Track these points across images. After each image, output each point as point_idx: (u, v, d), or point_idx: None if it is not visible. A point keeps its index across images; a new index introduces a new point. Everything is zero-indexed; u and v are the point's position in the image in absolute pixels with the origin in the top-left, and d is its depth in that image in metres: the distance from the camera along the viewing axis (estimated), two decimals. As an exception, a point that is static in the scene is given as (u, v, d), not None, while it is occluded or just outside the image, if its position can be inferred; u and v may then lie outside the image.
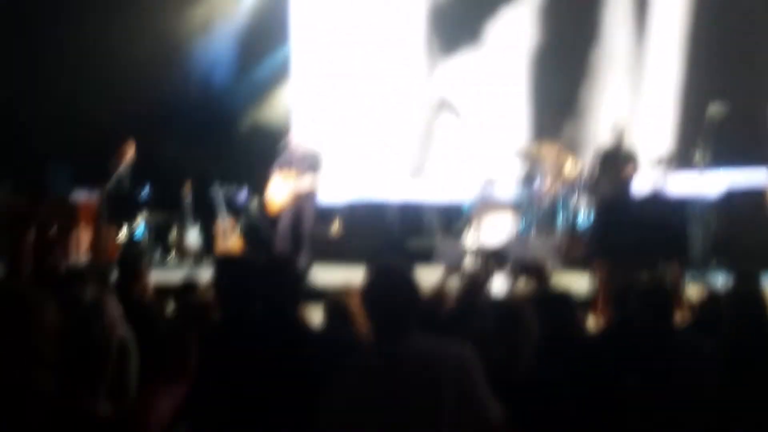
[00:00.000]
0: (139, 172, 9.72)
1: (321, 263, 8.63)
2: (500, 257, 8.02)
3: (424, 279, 6.49)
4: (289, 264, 3.93)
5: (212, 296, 4.22)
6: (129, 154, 9.61)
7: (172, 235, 10.35)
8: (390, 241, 9.70)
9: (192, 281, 5.06)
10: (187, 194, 10.34)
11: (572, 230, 9.25)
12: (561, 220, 9.38)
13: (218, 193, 10.41)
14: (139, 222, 9.80)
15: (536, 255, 8.20)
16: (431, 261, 9.12)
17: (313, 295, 4.00)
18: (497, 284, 5.06)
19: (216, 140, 10.99)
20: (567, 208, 9.40)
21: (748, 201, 8.27)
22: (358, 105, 11.51)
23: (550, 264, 7.05)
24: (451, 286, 5.23)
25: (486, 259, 7.41)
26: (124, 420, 1.87)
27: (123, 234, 9.60)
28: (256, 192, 10.31)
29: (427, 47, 11.33)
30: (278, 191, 8.79)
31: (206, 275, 6.72)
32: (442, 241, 9.68)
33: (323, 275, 8.07)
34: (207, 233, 10.36)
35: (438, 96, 11.26)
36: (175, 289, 5.05)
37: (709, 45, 9.94)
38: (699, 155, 8.17)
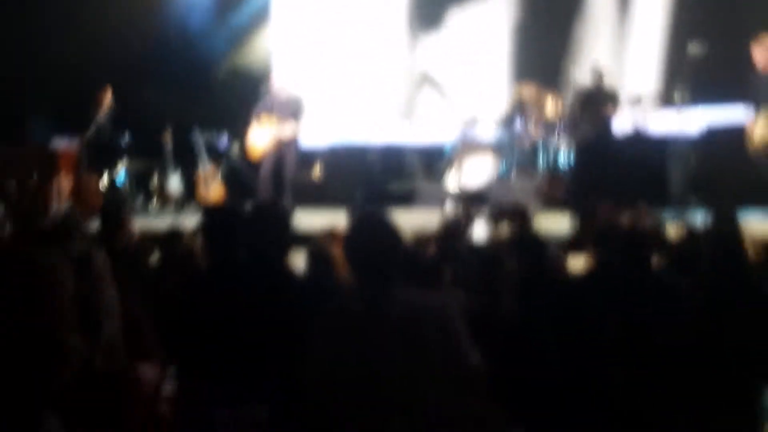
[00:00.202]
0: (119, 119, 9.65)
1: (303, 207, 8.64)
2: (481, 199, 8.08)
3: (405, 222, 6.57)
4: (276, 211, 3.95)
5: (198, 244, 4.24)
6: (106, 101, 9.54)
7: (154, 182, 10.30)
8: (371, 184, 9.70)
9: (177, 229, 5.07)
10: (168, 140, 10.27)
11: (553, 171, 9.28)
12: (542, 161, 9.41)
13: (199, 139, 10.34)
14: (120, 169, 9.74)
15: (517, 196, 8.26)
16: (412, 204, 9.18)
17: (296, 241, 4.03)
18: (478, 228, 5.10)
19: (195, 85, 10.88)
20: (548, 149, 9.42)
21: (729, 138, 8.30)
22: (339, 47, 11.39)
23: (531, 205, 7.09)
24: (432, 230, 5.27)
25: (467, 202, 7.44)
26: (121, 378, 1.90)
27: (104, 182, 9.55)
28: (237, 137, 10.25)
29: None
30: (260, 137, 8.76)
31: (189, 222, 6.74)
32: (423, 184, 9.71)
33: (305, 220, 8.06)
34: (188, 179, 10.32)
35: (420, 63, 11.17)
36: (160, 237, 5.06)
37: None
38: (678, 93, 8.18)
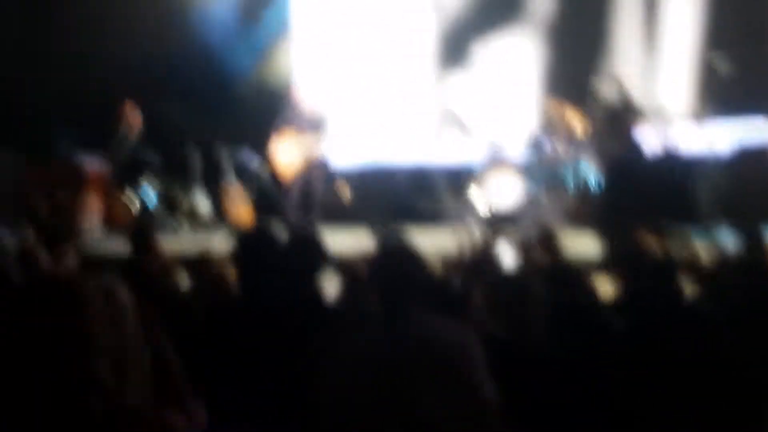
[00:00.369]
0: (145, 137, 9.69)
1: (331, 228, 8.64)
2: (509, 221, 8.03)
3: (431, 242, 6.53)
4: (311, 237, 4.00)
5: (228, 269, 4.25)
6: (136, 119, 9.57)
7: (180, 201, 10.29)
8: (397, 205, 9.69)
9: (207, 253, 5.07)
10: (194, 158, 10.28)
11: (583, 191, 9.20)
12: (570, 181, 9.32)
13: (224, 157, 10.32)
14: (148, 188, 9.75)
15: (546, 218, 8.20)
16: (439, 224, 9.14)
17: (330, 264, 4.07)
18: (505, 252, 5.06)
19: (218, 101, 10.85)
20: (576, 169, 9.34)
21: (760, 157, 8.22)
22: (363, 63, 11.32)
23: (561, 227, 7.03)
24: (458, 253, 5.24)
25: (494, 224, 7.41)
26: (149, 423, 1.88)
27: (132, 200, 9.57)
28: (263, 154, 10.23)
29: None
30: (286, 154, 8.77)
31: (217, 242, 6.75)
32: (450, 204, 9.67)
33: (334, 241, 8.06)
34: (215, 198, 10.30)
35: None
36: (189, 261, 5.07)
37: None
38: (707, 108, 8.13)
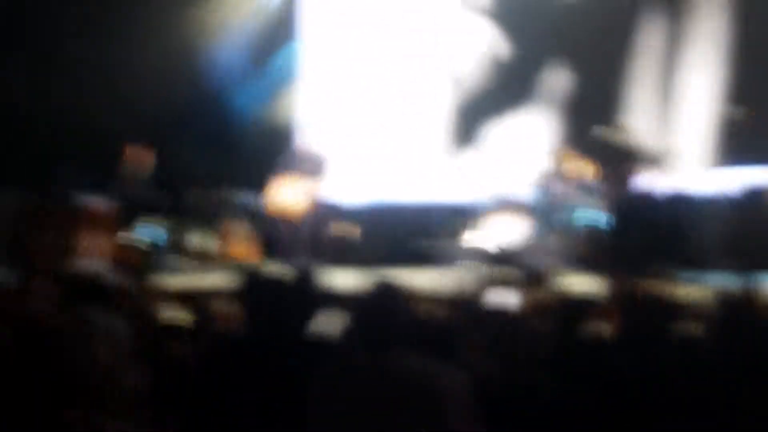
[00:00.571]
0: (152, 177, 9.75)
1: (335, 267, 8.64)
2: (510, 261, 8.02)
3: (427, 281, 6.53)
4: (315, 278, 4.03)
5: (230, 307, 4.26)
6: (144, 159, 9.63)
7: (183, 240, 10.31)
8: (399, 245, 9.71)
9: (209, 292, 5.09)
10: (197, 198, 10.33)
11: (584, 233, 9.20)
12: (573, 223, 9.33)
13: (228, 198, 10.38)
14: (152, 227, 9.77)
15: (550, 259, 8.20)
16: (439, 263, 9.14)
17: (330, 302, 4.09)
18: (504, 292, 5.04)
19: (223, 142, 10.96)
20: (580, 210, 9.36)
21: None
22: (370, 106, 11.42)
23: (561, 268, 7.03)
24: (454, 292, 5.23)
25: (495, 263, 7.41)
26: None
27: (135, 239, 9.57)
28: (266, 195, 10.28)
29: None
30: (288, 195, 8.82)
31: (218, 280, 6.75)
32: (449, 244, 9.67)
33: (337, 280, 8.06)
34: (217, 237, 10.33)
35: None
36: (191, 299, 5.09)
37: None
38: (719, 155, 8.14)
